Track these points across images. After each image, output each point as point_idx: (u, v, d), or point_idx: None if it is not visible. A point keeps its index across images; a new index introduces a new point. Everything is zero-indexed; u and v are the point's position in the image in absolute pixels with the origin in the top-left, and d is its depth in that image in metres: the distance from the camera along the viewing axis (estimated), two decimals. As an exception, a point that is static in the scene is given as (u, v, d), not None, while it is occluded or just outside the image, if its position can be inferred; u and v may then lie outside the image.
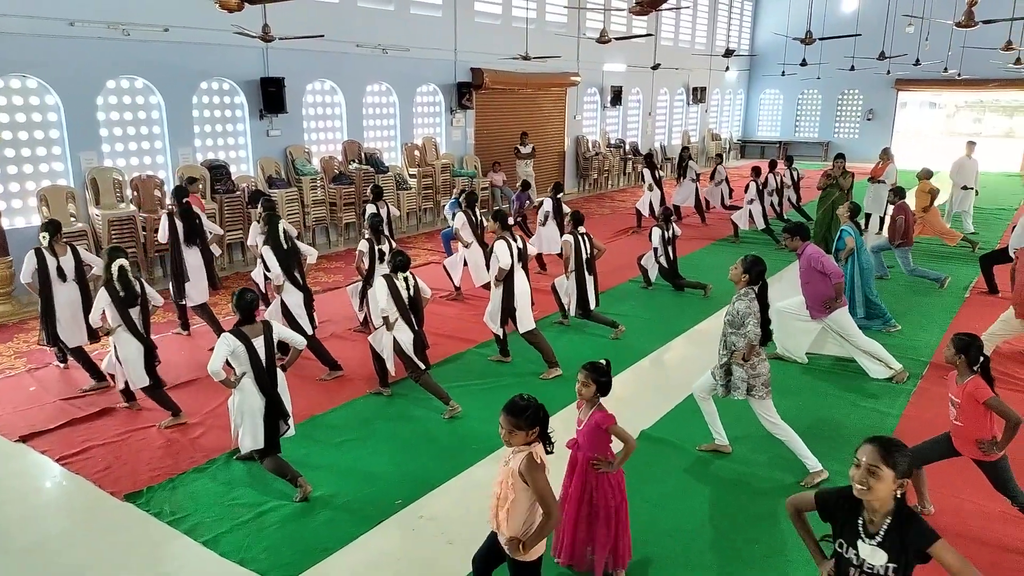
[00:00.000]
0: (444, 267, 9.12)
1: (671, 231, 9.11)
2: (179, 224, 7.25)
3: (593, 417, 3.72)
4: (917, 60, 20.65)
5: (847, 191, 11.27)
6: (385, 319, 5.73)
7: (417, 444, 5.44)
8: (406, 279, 5.71)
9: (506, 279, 6.50)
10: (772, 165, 13.24)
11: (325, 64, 12.00)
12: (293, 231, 6.93)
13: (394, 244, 7.48)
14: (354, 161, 12.44)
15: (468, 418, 5.81)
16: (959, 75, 22.09)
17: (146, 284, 5.78)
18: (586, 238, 7.45)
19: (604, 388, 3.70)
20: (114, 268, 5.54)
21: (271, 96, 11.03)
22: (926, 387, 6.42)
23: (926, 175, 11.20)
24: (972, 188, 12.84)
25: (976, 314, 8.30)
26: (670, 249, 9.13)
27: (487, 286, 7.20)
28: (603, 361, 3.73)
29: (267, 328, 4.72)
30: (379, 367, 6.13)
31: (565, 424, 5.59)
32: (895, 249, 9.46)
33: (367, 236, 7.09)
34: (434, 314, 8.09)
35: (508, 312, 6.58)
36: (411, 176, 13.36)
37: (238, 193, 10.53)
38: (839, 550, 2.60)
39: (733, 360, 4.81)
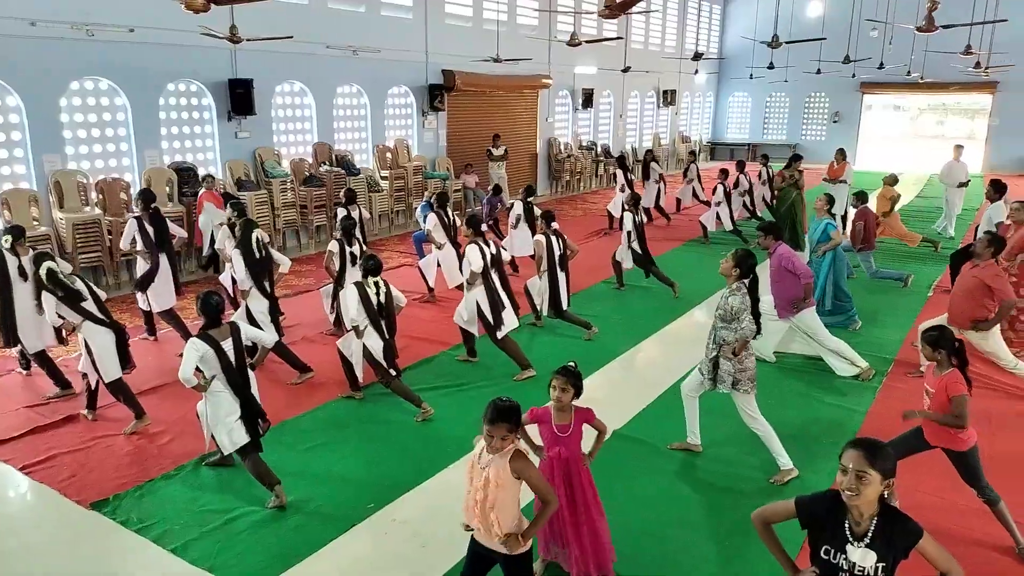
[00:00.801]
0: (418, 268, 9.09)
1: (640, 216, 9.18)
2: (149, 229, 7.14)
3: (579, 417, 3.74)
4: (881, 64, 21.05)
5: (801, 190, 11.59)
6: (355, 327, 5.69)
7: (389, 447, 5.41)
8: (376, 284, 5.68)
9: (486, 284, 6.49)
10: (740, 166, 13.37)
11: (294, 65, 11.90)
12: (266, 237, 6.87)
13: (365, 248, 7.45)
14: (325, 163, 12.35)
15: (441, 420, 5.79)
16: (922, 78, 22.56)
17: (85, 279, 5.68)
18: (558, 237, 7.48)
19: (580, 390, 3.71)
20: (42, 273, 5.44)
21: (239, 98, 10.90)
22: (892, 384, 6.54)
23: (892, 181, 11.39)
24: (965, 184, 13.16)
25: (940, 311, 8.44)
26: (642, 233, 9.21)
27: (460, 287, 7.20)
28: (572, 364, 3.74)
29: (235, 330, 4.66)
30: (349, 371, 6.09)
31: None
32: (857, 253, 9.62)
33: (337, 237, 7.06)
34: (407, 316, 8.03)
35: (497, 315, 6.54)
36: (383, 178, 13.30)
37: (206, 196, 10.38)
38: (825, 557, 2.55)
39: (722, 354, 4.84)
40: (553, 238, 7.41)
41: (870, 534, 2.48)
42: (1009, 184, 9.98)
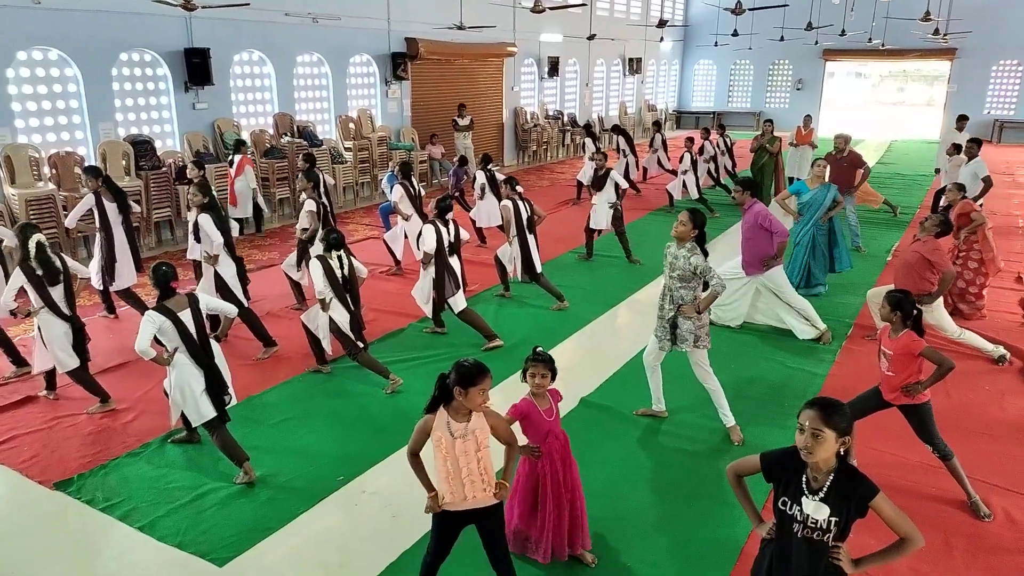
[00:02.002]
0: (384, 241, 9.02)
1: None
2: (110, 206, 6.95)
3: (555, 399, 3.78)
4: (843, 31, 21.22)
5: (776, 155, 11.96)
6: (321, 300, 5.66)
7: (358, 420, 5.42)
8: (340, 258, 5.63)
9: (437, 265, 6.47)
10: (706, 133, 13.47)
11: (253, 34, 11.60)
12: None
13: (333, 217, 7.42)
14: (286, 134, 12.12)
15: (410, 392, 5.80)
16: (883, 45, 22.78)
17: (67, 258, 5.54)
18: (525, 201, 7.49)
19: (555, 374, 3.72)
20: (31, 245, 5.27)
21: (196, 68, 10.61)
22: (851, 347, 6.71)
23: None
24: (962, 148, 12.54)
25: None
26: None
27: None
28: (540, 349, 3.73)
29: (192, 300, 4.58)
30: (315, 345, 6.06)
31: (507, 397, 5.64)
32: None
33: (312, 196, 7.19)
34: (374, 289, 8.02)
35: (440, 296, 6.55)
36: (347, 149, 13.10)
37: (164, 169, 10.15)
38: (782, 508, 2.65)
39: (681, 314, 4.89)
40: (520, 202, 7.42)
41: (825, 489, 2.57)
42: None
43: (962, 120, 12.37)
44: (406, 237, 8.70)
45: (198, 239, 6.52)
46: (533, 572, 3.77)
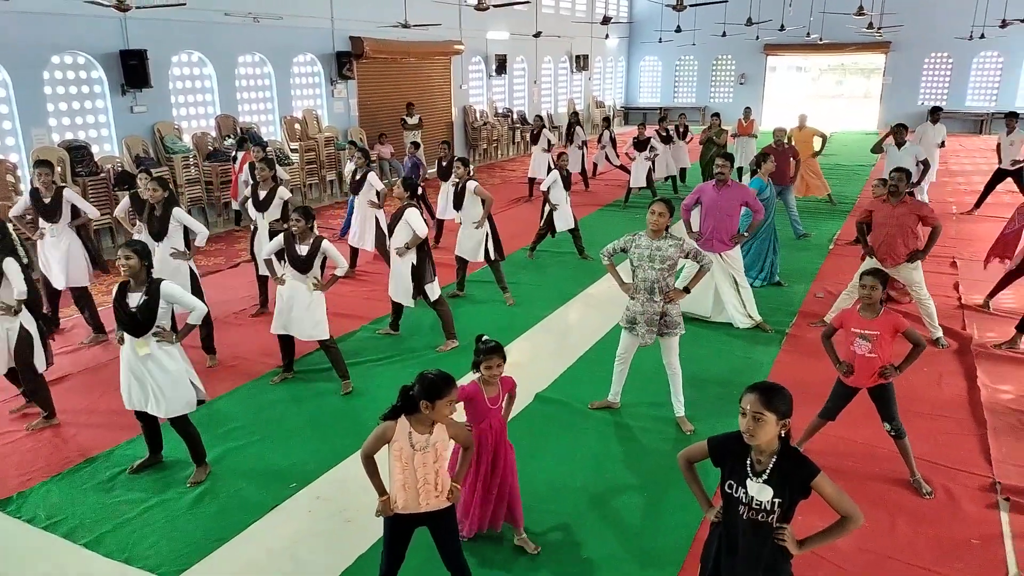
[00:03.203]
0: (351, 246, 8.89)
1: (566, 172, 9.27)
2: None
3: (505, 386, 3.79)
4: (782, 26, 21.72)
5: (724, 147, 12.38)
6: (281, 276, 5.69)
7: (308, 426, 5.34)
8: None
9: (419, 250, 6.43)
10: (662, 118, 13.88)
11: (191, 34, 11.32)
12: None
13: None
14: (229, 136, 11.86)
15: (362, 395, 5.75)
16: (820, 39, 23.40)
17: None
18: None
19: (505, 359, 3.74)
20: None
21: (133, 70, 10.31)
22: (796, 334, 6.88)
23: (802, 121, 12.30)
24: (944, 145, 12.51)
25: (839, 265, 8.95)
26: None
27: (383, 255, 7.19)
28: (484, 338, 3.75)
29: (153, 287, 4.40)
30: (286, 349, 5.94)
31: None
32: (779, 196, 9.94)
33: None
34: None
35: (420, 283, 6.48)
36: (293, 151, 12.89)
37: (102, 175, 9.84)
38: (728, 491, 2.71)
39: (671, 300, 4.97)
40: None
41: (768, 471, 2.63)
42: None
43: (936, 112, 12.34)
44: (378, 225, 8.53)
45: (161, 237, 6.23)
46: (488, 570, 3.77)
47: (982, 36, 21.05)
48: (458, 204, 7.66)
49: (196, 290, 6.22)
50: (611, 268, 5.20)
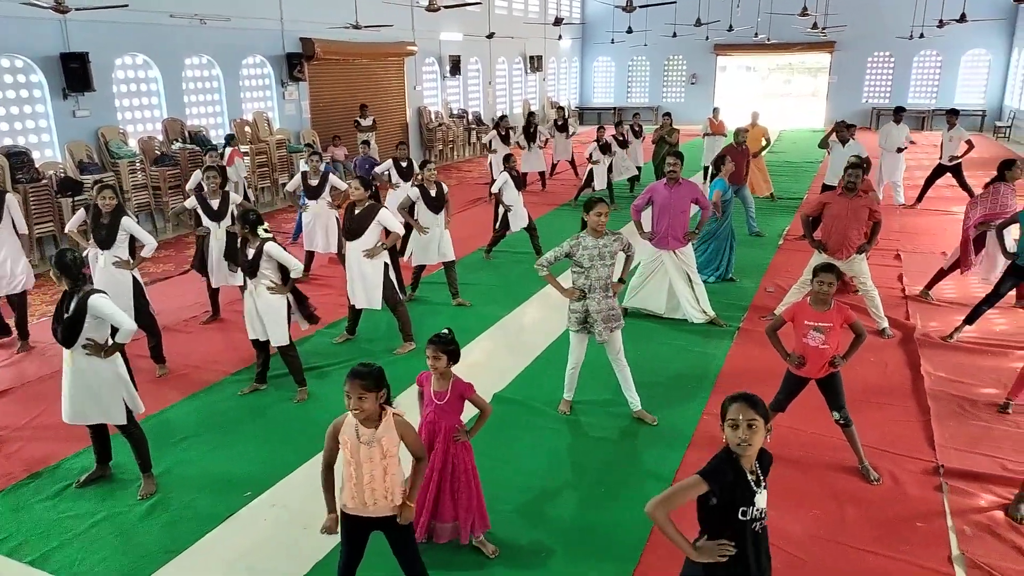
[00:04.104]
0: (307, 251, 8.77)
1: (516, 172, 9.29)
2: None
3: (456, 387, 3.75)
4: (730, 26, 22.12)
5: (675, 145, 12.61)
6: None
7: (263, 434, 5.26)
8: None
9: (391, 250, 6.42)
10: (618, 123, 14.09)
11: (135, 36, 11.05)
12: None
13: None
14: (177, 140, 11.62)
15: (317, 401, 5.69)
16: (768, 40, 23.90)
17: None
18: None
19: (454, 356, 3.72)
20: None
21: (74, 73, 10.02)
22: (747, 328, 7.02)
23: (754, 119, 12.71)
24: (904, 148, 12.11)
25: (789, 260, 9.16)
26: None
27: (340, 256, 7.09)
28: (446, 330, 3.75)
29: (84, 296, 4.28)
30: (262, 357, 5.82)
31: (412, 396, 5.60)
32: (736, 195, 10.13)
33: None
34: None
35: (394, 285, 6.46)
36: (243, 154, 12.66)
37: (44, 182, 9.54)
38: (743, 518, 2.57)
39: (614, 292, 5.07)
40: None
41: (760, 475, 2.63)
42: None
43: (899, 112, 12.27)
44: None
45: (108, 245, 6.03)
46: (444, 572, 3.77)
47: (921, 35, 21.76)
48: (438, 207, 7.58)
49: (140, 299, 6.07)
50: (550, 278, 5.13)
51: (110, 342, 4.32)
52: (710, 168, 12.93)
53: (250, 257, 5.44)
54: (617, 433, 5.15)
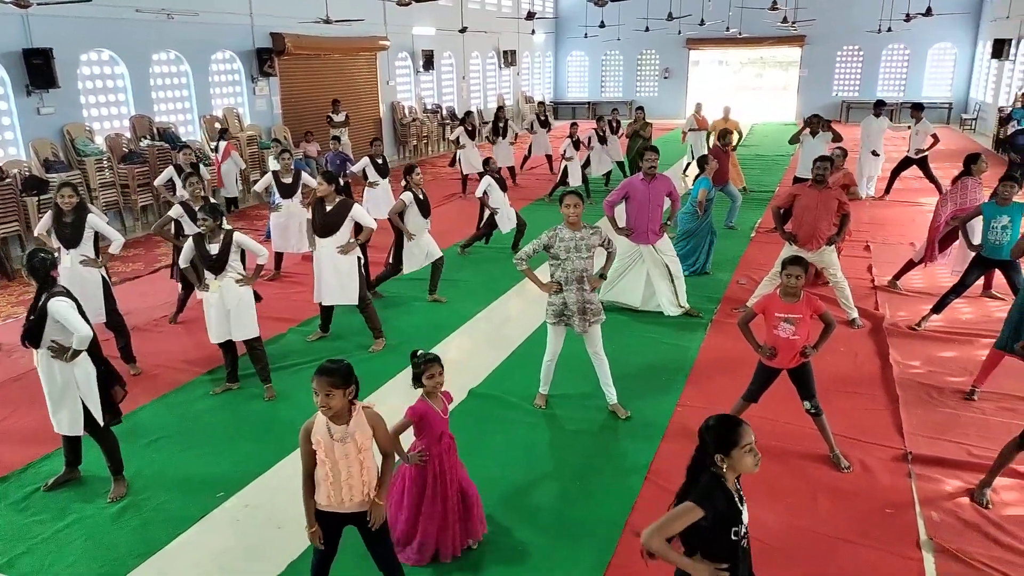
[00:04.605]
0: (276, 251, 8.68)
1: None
2: None
3: (449, 400, 3.78)
4: (702, 20, 22.22)
5: (648, 139, 12.74)
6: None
7: (236, 433, 5.20)
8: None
9: (363, 245, 6.42)
10: (599, 118, 14.06)
11: (100, 32, 10.84)
12: None
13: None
14: (145, 137, 11.43)
15: (289, 399, 5.64)
16: (740, 34, 24.07)
17: None
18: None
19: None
20: None
21: (38, 69, 9.79)
22: (720, 320, 7.08)
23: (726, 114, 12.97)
24: (880, 154, 12.23)
25: (761, 252, 9.25)
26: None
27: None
28: (420, 352, 3.70)
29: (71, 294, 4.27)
30: (230, 357, 5.74)
31: (389, 393, 5.63)
32: (721, 190, 10.19)
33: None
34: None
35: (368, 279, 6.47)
36: (213, 151, 12.48)
37: (8, 180, 9.34)
38: (735, 539, 2.57)
39: (594, 287, 5.07)
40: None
41: (741, 493, 2.65)
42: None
43: (879, 106, 12.30)
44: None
45: (75, 244, 5.90)
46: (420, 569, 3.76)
47: (889, 29, 22.06)
48: (429, 212, 7.51)
49: (108, 298, 5.98)
50: (528, 272, 5.14)
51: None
52: (692, 164, 13.15)
53: (216, 251, 5.37)
54: (593, 426, 5.17)
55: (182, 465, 4.80)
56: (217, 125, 12.44)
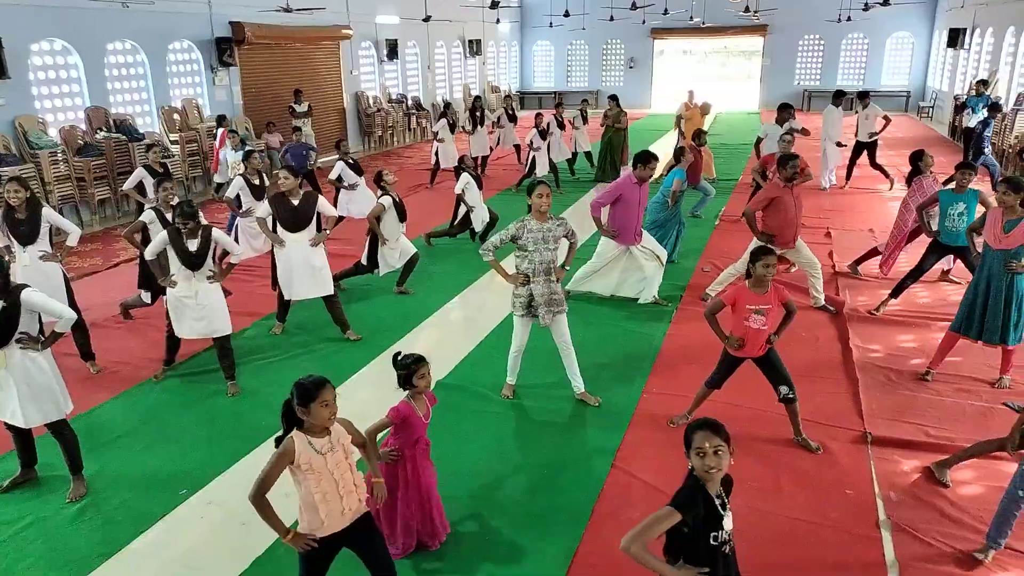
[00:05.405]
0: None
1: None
2: None
3: (433, 403, 3.77)
4: (665, 10, 22.34)
5: (624, 129, 12.88)
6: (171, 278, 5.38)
7: (199, 429, 5.13)
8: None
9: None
10: (558, 104, 14.26)
11: (51, 20, 10.53)
12: None
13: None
14: (101, 129, 11.15)
15: (253, 395, 5.57)
16: (703, 23, 24.24)
17: None
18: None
19: None
20: None
21: (-14, 59, 9.51)
22: (685, 307, 7.15)
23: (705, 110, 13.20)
24: (844, 145, 12.34)
25: (724, 239, 9.37)
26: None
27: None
28: (401, 353, 3.68)
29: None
30: (169, 337, 5.65)
31: (356, 387, 5.62)
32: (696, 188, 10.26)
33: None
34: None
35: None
36: (173, 142, 12.25)
37: (-43, 174, 9.05)
38: (714, 544, 2.58)
39: (558, 276, 5.08)
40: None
41: (724, 498, 2.65)
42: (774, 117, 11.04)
43: (839, 96, 12.42)
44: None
45: (32, 240, 5.72)
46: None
47: (848, 19, 22.38)
48: (404, 216, 7.44)
49: (67, 293, 5.84)
50: (495, 264, 5.12)
51: (42, 337, 4.20)
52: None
53: (196, 248, 5.29)
54: (560, 415, 5.19)
55: (144, 463, 4.71)
56: (154, 119, 12.13)
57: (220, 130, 11.31)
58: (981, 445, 4.20)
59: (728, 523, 2.63)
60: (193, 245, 5.30)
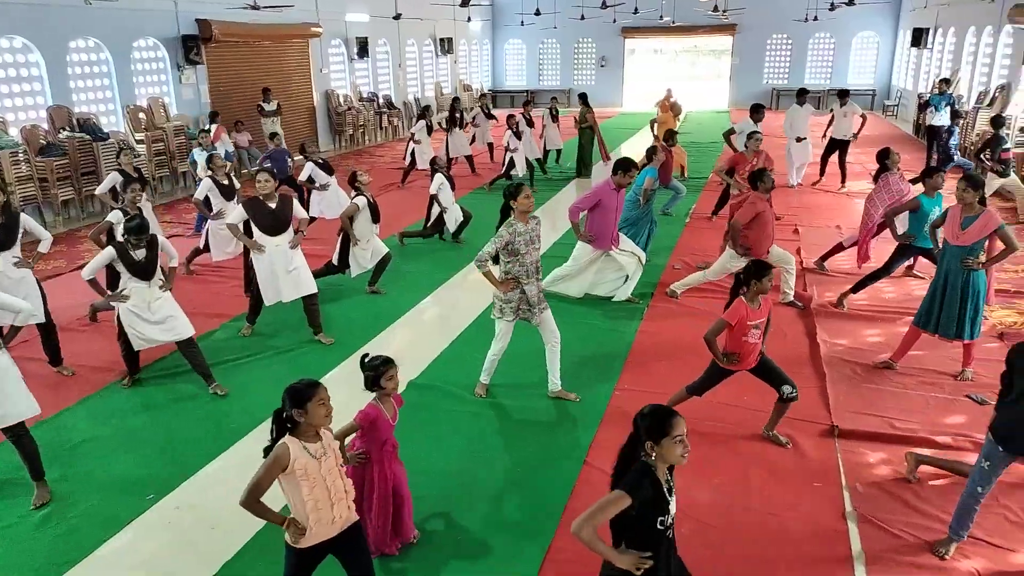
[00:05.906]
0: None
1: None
2: None
3: (400, 404, 3.75)
4: (636, 9, 22.44)
5: (590, 127, 12.96)
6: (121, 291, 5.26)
7: (165, 433, 5.05)
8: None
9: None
10: (527, 102, 14.36)
11: (11, 17, 10.29)
12: None
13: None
14: (64, 129, 10.92)
15: (222, 397, 5.49)
16: (673, 22, 24.41)
17: None
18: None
19: None
20: None
21: (-58, 56, 9.26)
22: (656, 305, 7.21)
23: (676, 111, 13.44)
24: (806, 139, 12.20)
25: (695, 237, 9.46)
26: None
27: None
28: (368, 355, 3.66)
29: None
30: (127, 352, 5.55)
31: (328, 388, 5.50)
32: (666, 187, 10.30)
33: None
34: (178, 291, 7.46)
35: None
36: (139, 142, 12.04)
37: (-87, 174, 8.82)
38: (661, 528, 2.61)
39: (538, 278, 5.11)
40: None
41: (671, 484, 2.68)
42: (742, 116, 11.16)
43: (802, 94, 12.40)
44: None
45: (9, 246, 5.59)
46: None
47: (815, 18, 22.69)
48: (378, 217, 7.39)
49: (42, 301, 5.77)
50: (489, 275, 5.07)
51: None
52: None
53: (144, 256, 5.22)
54: (533, 413, 5.20)
55: (109, 468, 4.64)
56: (119, 119, 11.99)
57: (214, 126, 11.58)
58: (963, 467, 4.15)
59: (673, 508, 2.67)
60: (140, 255, 5.21)
